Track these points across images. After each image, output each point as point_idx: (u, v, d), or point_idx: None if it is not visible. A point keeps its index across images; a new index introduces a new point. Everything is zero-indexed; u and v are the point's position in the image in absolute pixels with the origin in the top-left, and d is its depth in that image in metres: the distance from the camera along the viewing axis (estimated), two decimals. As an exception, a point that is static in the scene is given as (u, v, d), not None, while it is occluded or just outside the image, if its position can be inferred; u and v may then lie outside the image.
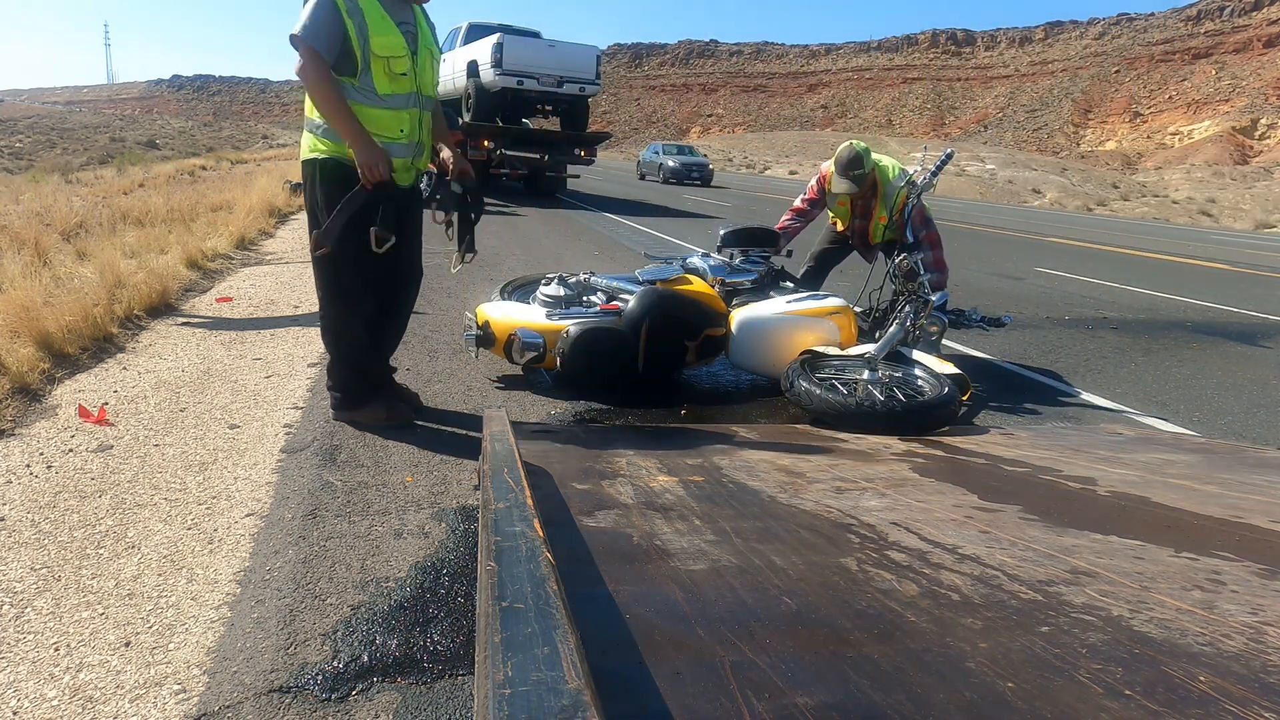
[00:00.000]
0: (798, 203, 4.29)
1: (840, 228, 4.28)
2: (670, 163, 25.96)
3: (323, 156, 2.49)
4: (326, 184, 2.50)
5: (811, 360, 3.15)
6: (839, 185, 3.88)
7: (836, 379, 3.11)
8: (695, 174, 25.49)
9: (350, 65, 2.41)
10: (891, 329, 3.19)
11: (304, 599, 1.68)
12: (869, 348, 3.20)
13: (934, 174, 3.58)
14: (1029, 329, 5.45)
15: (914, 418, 2.77)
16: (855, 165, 3.80)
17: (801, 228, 4.33)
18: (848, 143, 3.92)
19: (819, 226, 4.52)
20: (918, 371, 3.10)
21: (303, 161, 2.58)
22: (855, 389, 3.02)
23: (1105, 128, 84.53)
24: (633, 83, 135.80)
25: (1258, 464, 2.44)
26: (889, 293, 3.70)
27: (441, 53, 2.87)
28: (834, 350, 3.25)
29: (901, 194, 3.75)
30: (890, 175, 3.87)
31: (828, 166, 4.02)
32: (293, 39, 2.36)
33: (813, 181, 4.25)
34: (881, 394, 2.95)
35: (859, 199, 4.00)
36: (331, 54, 2.38)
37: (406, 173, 2.62)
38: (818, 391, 2.83)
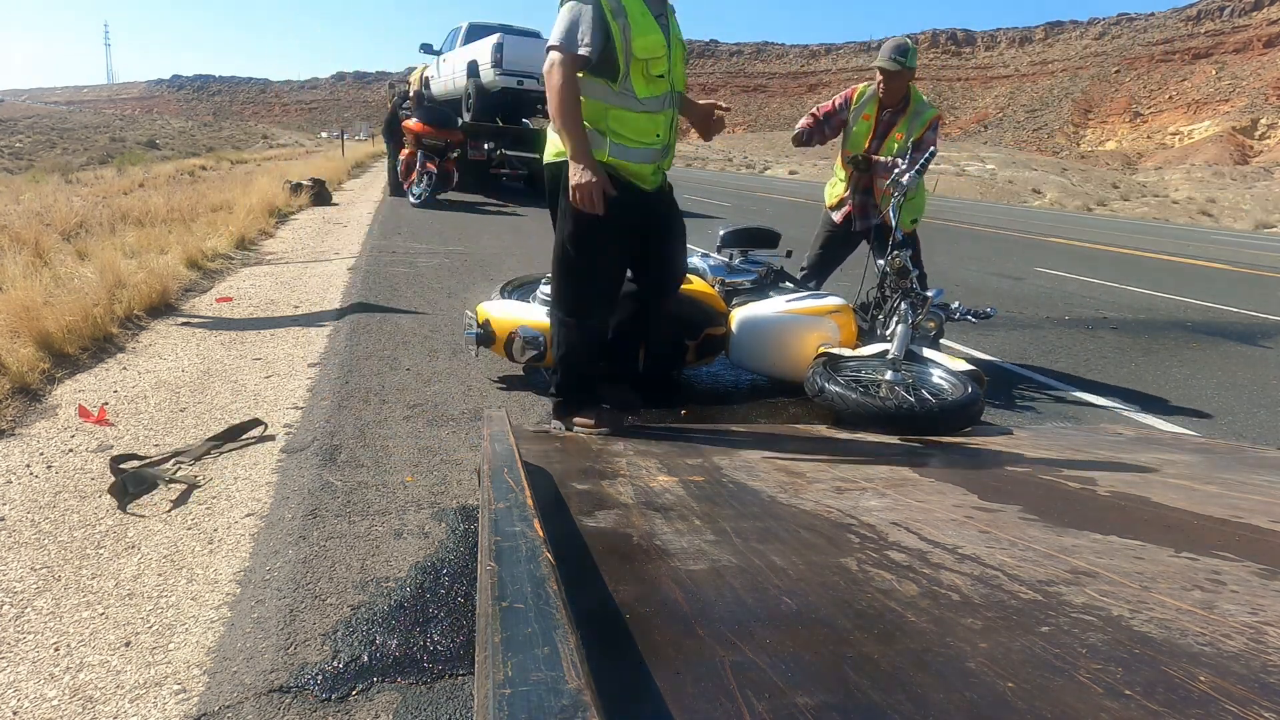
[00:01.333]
0: (814, 109, 4.06)
1: (842, 187, 4.01)
2: None
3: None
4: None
5: (830, 362, 3.14)
6: (882, 59, 3.71)
7: (858, 380, 3.10)
8: None
9: (612, 69, 2.32)
10: (899, 328, 3.18)
11: (304, 599, 1.68)
12: (882, 347, 3.19)
13: (917, 172, 3.54)
14: (1029, 329, 5.45)
15: (949, 418, 2.75)
16: (901, 51, 3.69)
17: (813, 132, 4.04)
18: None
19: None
20: (932, 369, 3.09)
21: (547, 164, 2.52)
22: (879, 389, 3.02)
23: (1105, 128, 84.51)
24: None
25: (1258, 464, 2.44)
26: (874, 288, 3.67)
27: (442, 53, 2.86)
28: (848, 351, 3.25)
29: (925, 123, 3.72)
30: (922, 98, 3.80)
31: (854, 87, 3.94)
32: (549, 49, 2.30)
33: (837, 97, 4.04)
34: (910, 394, 2.94)
35: (884, 113, 3.83)
36: (594, 56, 2.29)
37: (655, 176, 2.53)
38: (853, 396, 2.80)
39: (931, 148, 3.59)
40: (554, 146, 2.47)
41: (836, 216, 4.09)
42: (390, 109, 12.92)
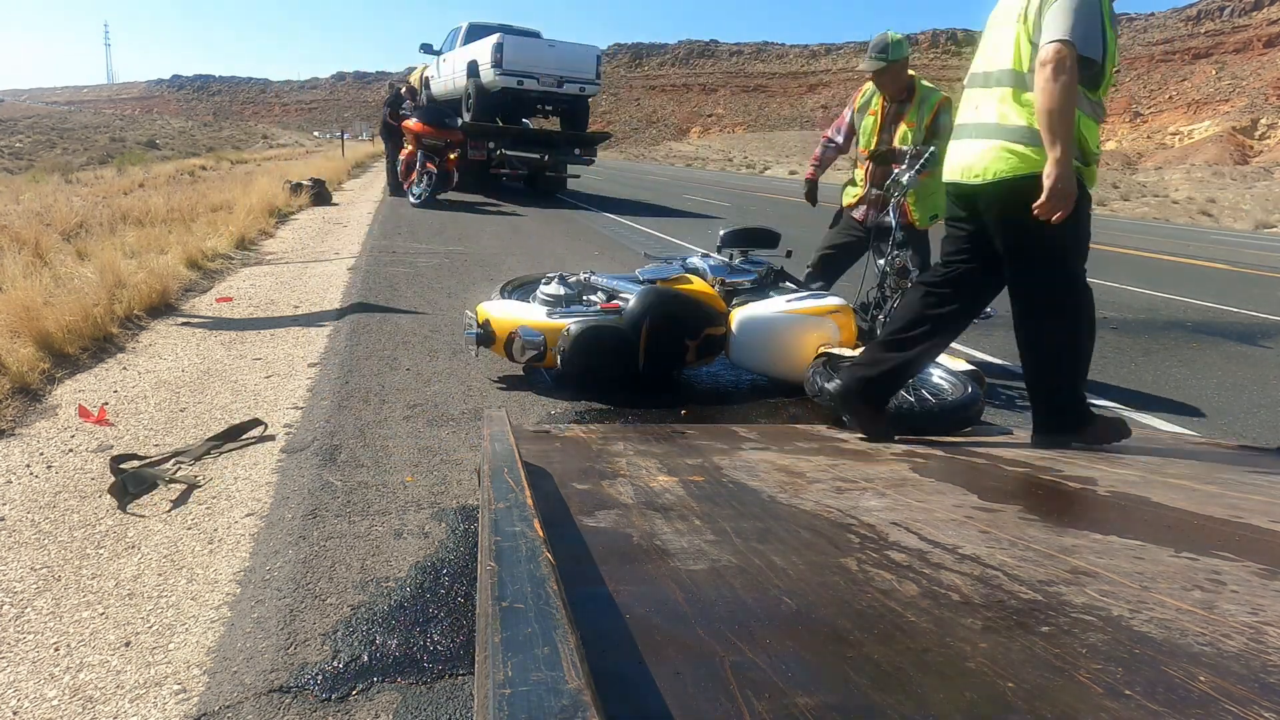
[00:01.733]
0: (828, 131, 4.21)
1: (861, 188, 4.07)
2: None
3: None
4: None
5: (830, 362, 3.14)
6: (865, 63, 3.78)
7: None
8: None
9: (1096, 77, 2.18)
10: None
11: (304, 599, 1.68)
12: None
13: (917, 172, 3.54)
14: (1029, 329, 5.44)
15: (949, 418, 2.75)
16: (881, 48, 3.71)
17: (833, 157, 4.26)
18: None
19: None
20: (932, 369, 3.09)
21: (1009, 179, 2.23)
22: None
23: (1105, 128, 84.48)
24: (633, 83, 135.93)
25: (1258, 464, 2.44)
26: (874, 288, 3.67)
27: (442, 53, 2.85)
28: (849, 351, 3.25)
29: (932, 107, 3.72)
30: (925, 84, 3.84)
31: (861, 89, 4.03)
32: (1061, 44, 2.05)
33: (845, 110, 4.18)
34: (910, 394, 2.94)
35: (890, 106, 3.87)
36: (1100, 62, 2.16)
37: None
38: None
39: (932, 148, 3.59)
40: (1012, 160, 2.22)
41: (857, 215, 4.11)
42: (384, 110, 12.98)
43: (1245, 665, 1.01)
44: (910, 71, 3.87)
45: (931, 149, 3.54)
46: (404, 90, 13.09)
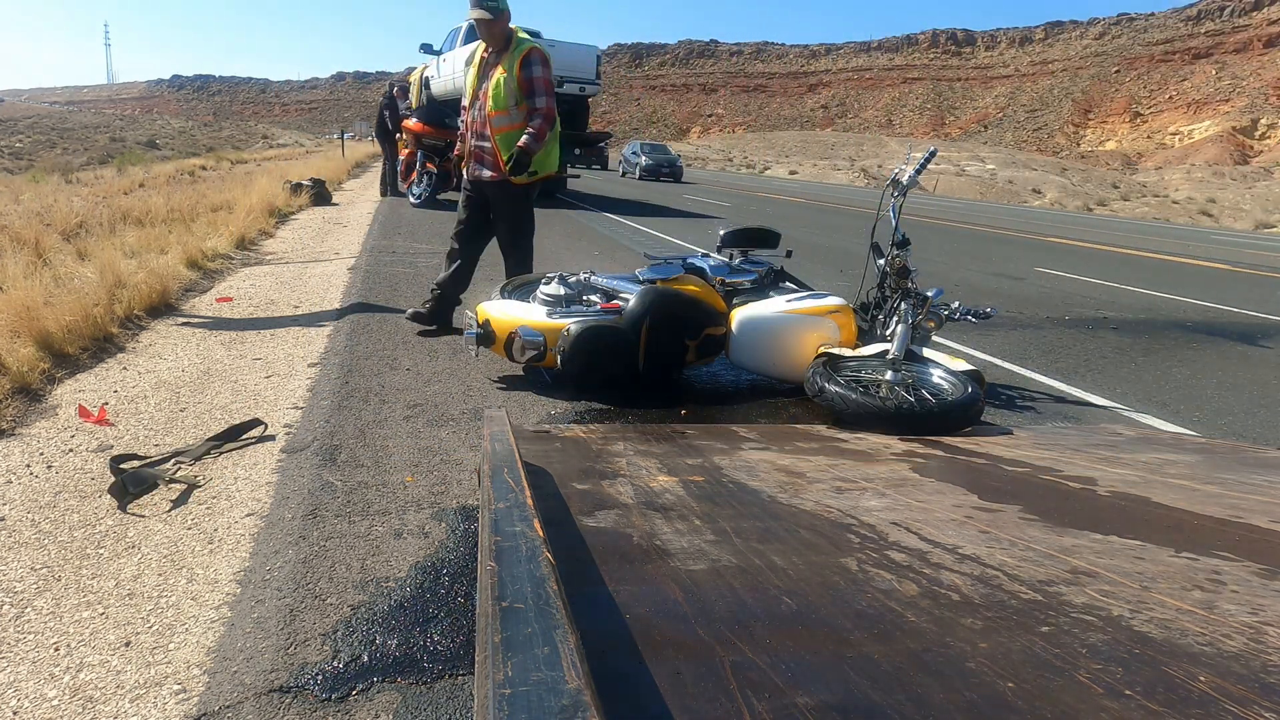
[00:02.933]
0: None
1: (464, 108, 4.15)
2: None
3: None
4: None
5: (830, 362, 3.14)
6: (474, 10, 3.80)
7: (859, 380, 3.10)
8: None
9: None
10: (899, 328, 3.19)
11: (304, 599, 1.68)
12: (882, 347, 3.20)
13: (917, 172, 3.55)
14: (1029, 329, 5.45)
15: (949, 418, 2.75)
16: (487, 2, 3.78)
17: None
18: None
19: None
20: (932, 369, 3.10)
21: None
22: (879, 389, 3.02)
23: (1105, 128, 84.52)
24: (633, 83, 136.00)
25: (1258, 464, 2.44)
26: (874, 288, 3.67)
27: (442, 53, 2.85)
28: (849, 351, 3.26)
29: (518, 57, 3.82)
30: (522, 37, 3.94)
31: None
32: None
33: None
34: (910, 394, 2.95)
35: (490, 56, 3.97)
36: None
37: None
38: (854, 396, 2.80)
39: (933, 149, 3.62)
40: None
41: (467, 172, 4.30)
42: (379, 111, 13.00)
43: (1245, 665, 1.01)
44: (514, 27, 3.96)
45: (933, 150, 3.56)
46: (396, 91, 13.10)
